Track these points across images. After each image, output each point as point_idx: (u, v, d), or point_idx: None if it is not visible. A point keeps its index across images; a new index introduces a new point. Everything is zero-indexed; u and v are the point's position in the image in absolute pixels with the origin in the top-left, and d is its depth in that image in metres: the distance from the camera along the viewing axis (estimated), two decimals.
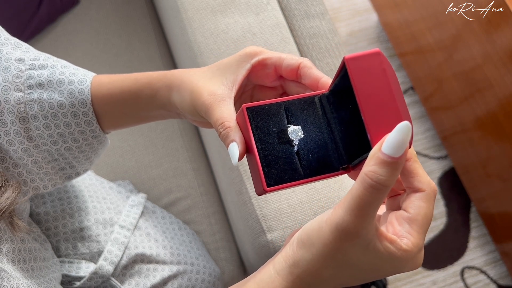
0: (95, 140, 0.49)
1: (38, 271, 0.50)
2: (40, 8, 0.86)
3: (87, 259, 0.62)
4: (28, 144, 0.47)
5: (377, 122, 0.32)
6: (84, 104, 0.46)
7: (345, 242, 0.32)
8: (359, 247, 0.32)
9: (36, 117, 0.46)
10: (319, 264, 0.33)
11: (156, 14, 0.94)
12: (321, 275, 0.34)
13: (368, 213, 0.31)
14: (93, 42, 0.89)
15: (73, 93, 0.46)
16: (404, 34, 1.30)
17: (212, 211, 0.80)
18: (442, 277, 1.24)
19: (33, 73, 0.46)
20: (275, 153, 0.37)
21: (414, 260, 0.33)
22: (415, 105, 1.39)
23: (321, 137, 0.38)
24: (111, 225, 0.65)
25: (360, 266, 0.33)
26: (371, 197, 0.30)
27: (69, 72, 0.47)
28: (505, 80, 0.98)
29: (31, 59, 0.47)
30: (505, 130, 1.04)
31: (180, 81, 0.43)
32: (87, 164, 0.53)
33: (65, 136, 0.48)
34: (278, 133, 0.38)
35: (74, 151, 0.49)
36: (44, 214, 0.62)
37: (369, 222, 0.31)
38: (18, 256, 0.47)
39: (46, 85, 0.46)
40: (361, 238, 0.31)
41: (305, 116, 0.39)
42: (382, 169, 0.30)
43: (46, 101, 0.46)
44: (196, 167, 0.83)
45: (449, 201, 1.31)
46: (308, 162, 0.38)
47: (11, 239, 0.46)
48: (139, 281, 0.63)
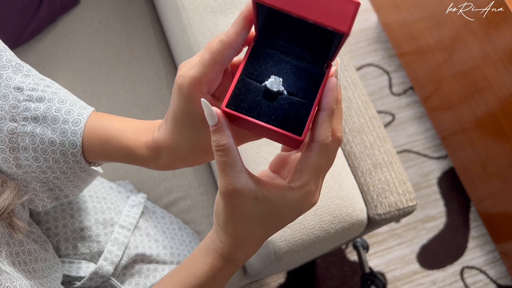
0: (83, 173, 0.50)
1: (40, 272, 0.50)
2: (40, 8, 0.86)
3: (87, 259, 0.62)
4: (16, 170, 0.48)
5: (327, 14, 0.32)
6: (74, 145, 0.47)
7: (232, 200, 0.37)
8: (248, 200, 0.37)
9: (27, 149, 0.47)
10: (228, 227, 0.39)
11: (156, 14, 0.95)
12: (236, 235, 0.39)
13: (228, 173, 0.36)
14: (93, 42, 0.89)
15: (66, 132, 0.47)
16: (404, 34, 1.30)
17: (212, 211, 0.80)
18: (441, 277, 1.24)
19: (30, 105, 0.47)
20: (250, 90, 0.38)
21: (307, 198, 0.37)
22: (415, 105, 1.39)
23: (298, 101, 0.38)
24: (111, 225, 0.65)
25: (263, 216, 0.38)
26: (218, 160, 0.36)
27: (65, 109, 0.48)
28: (505, 80, 0.99)
29: (29, 89, 0.48)
30: (505, 130, 1.04)
31: (165, 140, 0.43)
32: (76, 190, 0.53)
33: (54, 169, 0.48)
34: (262, 74, 0.38)
35: (63, 181, 0.50)
36: (44, 214, 0.62)
37: (237, 178, 0.36)
38: (18, 258, 0.47)
39: (41, 120, 0.47)
40: (242, 192, 0.36)
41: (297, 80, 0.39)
42: (213, 136, 0.35)
43: (38, 135, 0.46)
44: (196, 167, 0.83)
45: (449, 201, 1.31)
46: (275, 116, 0.37)
47: (7, 242, 0.47)
48: (139, 281, 0.63)
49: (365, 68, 1.43)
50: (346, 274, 1.21)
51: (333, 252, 1.22)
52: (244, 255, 0.41)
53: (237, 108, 0.37)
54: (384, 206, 0.68)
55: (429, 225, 1.28)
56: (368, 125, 0.72)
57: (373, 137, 0.72)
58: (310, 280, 1.20)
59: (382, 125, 0.73)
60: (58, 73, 0.87)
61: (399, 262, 1.24)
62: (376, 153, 0.71)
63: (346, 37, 0.33)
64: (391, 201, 0.68)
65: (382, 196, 0.69)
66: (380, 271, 1.23)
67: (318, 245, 0.65)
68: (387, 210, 0.68)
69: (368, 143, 0.71)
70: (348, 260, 1.22)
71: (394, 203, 0.68)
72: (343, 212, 0.63)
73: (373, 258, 1.24)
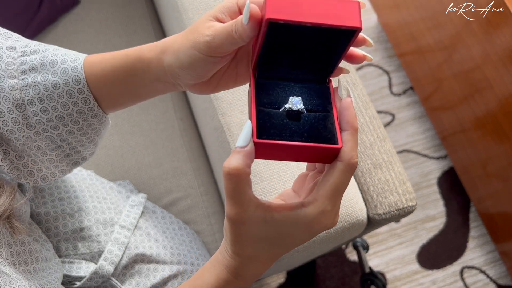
0: (95, 120, 0.48)
1: (41, 272, 0.50)
2: (41, 9, 0.86)
3: (87, 259, 0.62)
4: (28, 132, 0.47)
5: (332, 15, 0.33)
6: (78, 81, 0.45)
7: (239, 226, 0.36)
8: (255, 225, 0.36)
9: (33, 102, 0.45)
10: (235, 248, 0.39)
11: (156, 14, 0.95)
12: (243, 255, 0.39)
13: (236, 201, 0.35)
14: (93, 42, 0.89)
15: (67, 71, 0.45)
16: (404, 34, 1.30)
17: (212, 211, 0.80)
18: (441, 277, 1.24)
19: (25, 59, 0.46)
20: (272, 117, 0.38)
21: (320, 218, 0.37)
22: (415, 105, 1.39)
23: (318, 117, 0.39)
24: (112, 225, 0.65)
25: (271, 237, 0.37)
26: (227, 186, 0.35)
27: (61, 53, 0.47)
28: (505, 80, 0.99)
29: (22, 46, 0.47)
30: (505, 130, 1.04)
31: (173, 41, 0.42)
32: (92, 147, 0.52)
33: (64, 119, 0.47)
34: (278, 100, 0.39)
35: (76, 134, 0.48)
36: (44, 214, 0.62)
37: (245, 208, 0.35)
38: (18, 259, 0.47)
39: (39, 68, 0.45)
40: (248, 221, 0.36)
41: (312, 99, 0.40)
42: (233, 158, 0.35)
43: (41, 83, 0.45)
44: (196, 167, 0.83)
45: (449, 201, 1.31)
46: (302, 132, 0.38)
47: (8, 243, 0.46)
48: (139, 281, 0.63)
49: (365, 68, 1.43)
50: (346, 274, 1.21)
51: (333, 252, 1.22)
52: (252, 273, 0.40)
53: (269, 136, 0.37)
54: (384, 206, 0.68)
55: (429, 225, 1.28)
56: (368, 125, 0.72)
57: (373, 137, 0.72)
58: (310, 280, 1.20)
59: (382, 125, 0.73)
60: None
61: (399, 262, 1.24)
62: (376, 153, 0.71)
63: (358, 34, 0.35)
64: (391, 201, 0.68)
65: (382, 196, 0.69)
66: (380, 271, 1.23)
67: (318, 245, 0.65)
68: (387, 210, 0.68)
69: (368, 143, 0.71)
70: (348, 260, 1.22)
71: (394, 203, 0.68)
72: (343, 212, 0.63)
73: (373, 258, 1.24)
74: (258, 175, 0.64)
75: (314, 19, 0.33)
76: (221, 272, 0.41)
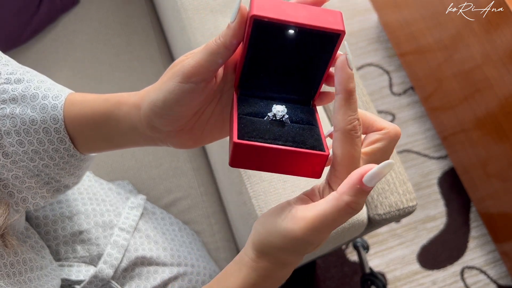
0: (72, 158, 0.47)
1: (36, 281, 0.49)
2: (40, 8, 0.86)
3: (87, 262, 0.62)
4: (4, 161, 0.45)
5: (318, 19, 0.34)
6: (56, 120, 0.44)
7: (290, 246, 0.35)
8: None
9: (9, 133, 0.44)
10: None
11: (156, 14, 0.94)
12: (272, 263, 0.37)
13: (325, 230, 0.33)
14: (93, 42, 0.89)
15: (46, 108, 0.44)
16: (404, 34, 1.30)
17: (212, 211, 0.80)
18: (442, 277, 1.24)
19: (7, 87, 0.44)
20: (254, 123, 0.37)
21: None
22: (415, 105, 1.39)
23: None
24: (111, 227, 0.65)
25: None
26: (341, 219, 0.33)
27: (44, 87, 0.45)
28: (505, 80, 0.98)
29: (7, 73, 0.45)
30: (505, 130, 1.04)
31: (153, 85, 0.41)
32: (73, 178, 0.51)
33: (41, 153, 0.45)
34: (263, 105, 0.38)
35: (53, 168, 0.47)
36: (43, 218, 0.62)
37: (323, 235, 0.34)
38: (12, 269, 0.46)
39: (19, 99, 0.44)
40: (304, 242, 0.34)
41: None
42: (362, 198, 0.32)
43: (18, 116, 0.44)
44: (196, 167, 0.83)
45: (449, 201, 1.31)
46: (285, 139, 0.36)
47: (1, 254, 0.45)
48: (139, 283, 0.63)
49: (365, 68, 1.43)
50: (346, 274, 1.21)
51: (333, 252, 1.22)
52: (283, 275, 0.39)
53: (250, 138, 0.35)
54: (384, 206, 0.68)
55: (429, 225, 1.28)
56: None
57: None
58: (310, 280, 1.20)
59: None
60: (58, 72, 0.86)
61: (399, 262, 1.24)
62: None
63: (341, 40, 0.34)
64: (391, 201, 0.68)
65: (382, 196, 0.69)
66: (380, 271, 1.23)
67: None
68: (387, 210, 0.68)
69: None
70: (348, 260, 1.22)
71: (395, 203, 0.68)
72: None
73: (373, 258, 1.24)
74: (258, 175, 0.64)
75: (299, 20, 0.33)
76: (248, 274, 0.38)
